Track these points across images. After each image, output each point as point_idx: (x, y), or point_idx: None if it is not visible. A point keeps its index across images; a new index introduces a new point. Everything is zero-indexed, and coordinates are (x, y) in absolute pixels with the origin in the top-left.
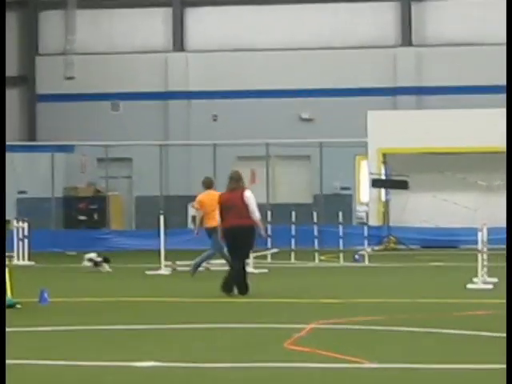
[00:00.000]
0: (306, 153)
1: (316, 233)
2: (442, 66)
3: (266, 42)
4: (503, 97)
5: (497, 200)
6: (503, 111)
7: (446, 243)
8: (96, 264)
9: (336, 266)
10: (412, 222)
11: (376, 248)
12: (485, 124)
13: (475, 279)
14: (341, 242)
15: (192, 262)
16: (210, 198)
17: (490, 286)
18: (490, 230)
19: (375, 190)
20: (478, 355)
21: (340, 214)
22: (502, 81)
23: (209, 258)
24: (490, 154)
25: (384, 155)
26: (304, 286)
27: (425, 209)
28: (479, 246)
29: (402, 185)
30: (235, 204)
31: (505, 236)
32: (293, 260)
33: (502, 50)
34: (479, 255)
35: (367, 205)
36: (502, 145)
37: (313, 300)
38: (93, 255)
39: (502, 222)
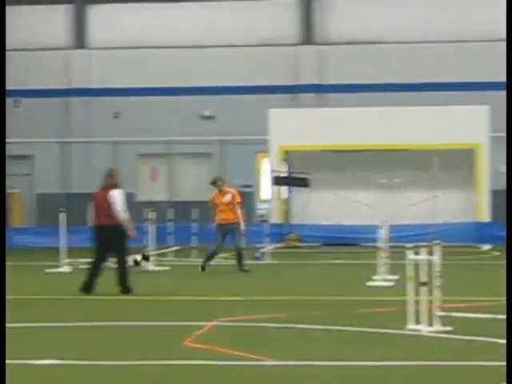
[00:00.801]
0: (207, 150)
1: None
2: (343, 64)
3: (167, 40)
4: (404, 95)
5: (397, 198)
6: (405, 109)
7: (347, 241)
8: (136, 263)
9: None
10: (313, 220)
11: (277, 246)
12: (386, 122)
13: (375, 277)
14: (243, 239)
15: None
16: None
17: (391, 284)
18: (391, 228)
19: (277, 188)
20: (378, 352)
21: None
22: (403, 79)
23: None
24: (390, 152)
25: (285, 153)
26: (205, 283)
27: (326, 206)
28: (380, 244)
29: (304, 182)
30: (101, 202)
31: (405, 234)
32: (194, 258)
33: (401, 49)
34: (379, 253)
35: (269, 202)
36: (402, 142)
37: (214, 298)
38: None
39: (402, 220)
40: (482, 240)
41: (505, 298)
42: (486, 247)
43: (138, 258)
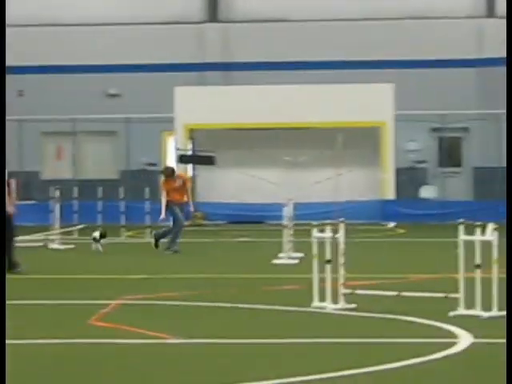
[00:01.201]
0: (112, 128)
1: (122, 209)
2: (249, 41)
3: (73, 18)
4: (310, 73)
5: (302, 176)
6: (310, 87)
7: (253, 218)
8: (95, 240)
9: (142, 242)
10: (219, 198)
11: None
12: (291, 100)
13: (281, 254)
14: (147, 217)
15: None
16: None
17: (296, 261)
18: (296, 206)
19: (182, 166)
20: (284, 330)
21: (147, 189)
22: (309, 57)
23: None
24: (295, 130)
25: (191, 131)
26: (110, 261)
27: (232, 184)
28: (285, 222)
29: (209, 160)
30: None
31: (310, 212)
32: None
33: (307, 26)
34: (285, 230)
35: None
36: (307, 121)
37: (120, 276)
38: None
39: (307, 198)
40: (386, 217)
41: (410, 275)
42: (391, 225)
43: (97, 234)
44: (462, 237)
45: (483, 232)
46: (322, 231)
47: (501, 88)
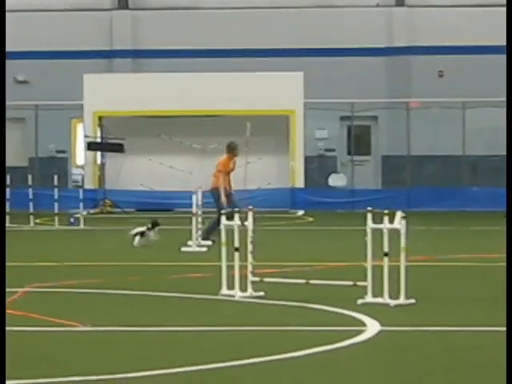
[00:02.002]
0: (21, 115)
1: (31, 196)
2: (159, 29)
3: None
4: (220, 61)
5: (212, 163)
6: (220, 75)
7: (162, 206)
8: (142, 234)
9: (51, 230)
10: (128, 186)
11: (91, 211)
12: (201, 88)
13: (190, 242)
14: (56, 205)
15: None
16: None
17: (205, 249)
18: (205, 194)
19: (91, 153)
20: (193, 317)
21: (55, 177)
22: (218, 45)
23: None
24: (205, 118)
25: (99, 118)
26: (19, 248)
27: (141, 172)
28: (194, 209)
29: (118, 148)
30: None
31: None
32: (8, 223)
33: (216, 14)
34: (194, 218)
35: (83, 168)
36: (217, 108)
37: (27, 263)
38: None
39: None
40: (295, 205)
41: (319, 263)
42: (300, 213)
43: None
44: (370, 225)
45: (391, 220)
46: (230, 219)
47: (409, 77)
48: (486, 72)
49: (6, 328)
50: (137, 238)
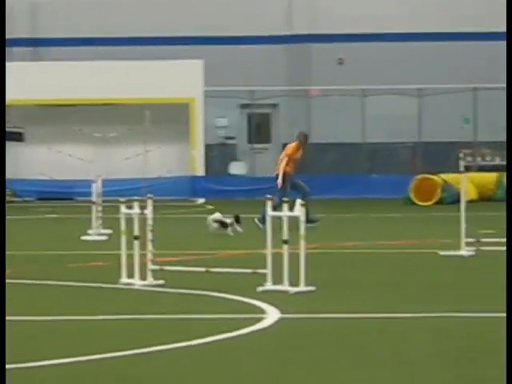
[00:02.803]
0: None
1: None
2: (58, 17)
3: None
4: (120, 49)
5: (112, 152)
6: (120, 63)
7: (62, 195)
8: (223, 225)
9: None
10: (27, 175)
11: None
12: (102, 76)
13: (90, 231)
14: None
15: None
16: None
17: (105, 238)
18: (105, 182)
19: None
20: (93, 306)
21: None
22: (117, 33)
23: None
24: (105, 106)
25: None
26: None
27: (40, 161)
28: (94, 198)
29: (17, 137)
30: None
31: (119, 188)
32: None
33: (114, 3)
34: (93, 207)
35: None
36: (117, 97)
37: None
38: (218, 216)
39: (116, 174)
40: (196, 194)
41: (219, 251)
42: (200, 201)
43: (228, 220)
44: (270, 212)
45: (291, 208)
46: (129, 207)
47: (309, 64)
48: (385, 60)
49: None
50: (216, 225)
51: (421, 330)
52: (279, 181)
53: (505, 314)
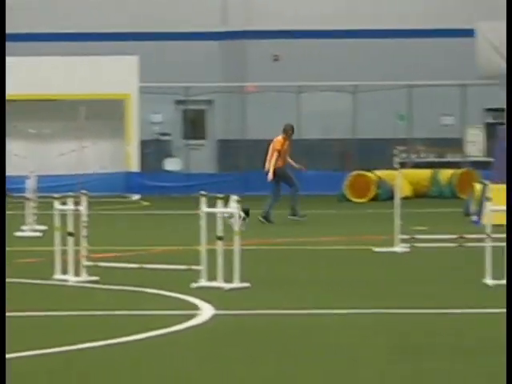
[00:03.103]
0: None
1: None
2: None
3: None
4: (53, 44)
5: (47, 148)
6: (56, 59)
7: None
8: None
9: None
10: None
11: None
12: (36, 72)
13: (24, 227)
14: None
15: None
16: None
17: (39, 234)
18: (40, 179)
19: None
20: (27, 302)
21: None
22: (53, 29)
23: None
24: (40, 102)
25: None
26: None
27: None
28: (28, 194)
29: None
30: None
31: (53, 184)
32: None
33: None
34: (28, 203)
35: None
36: (52, 92)
37: None
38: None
39: (51, 171)
40: (131, 190)
41: (154, 247)
42: (136, 197)
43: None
44: (204, 209)
45: (226, 204)
46: (64, 204)
47: (245, 61)
48: (320, 57)
49: None
50: (242, 215)
51: (353, 327)
52: (270, 176)
53: (437, 310)
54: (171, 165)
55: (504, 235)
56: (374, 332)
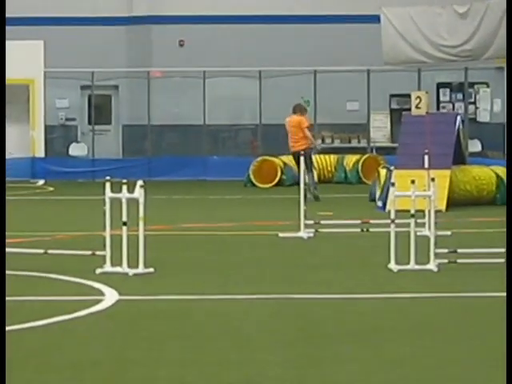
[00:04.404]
0: None
1: None
2: None
3: None
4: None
5: None
6: None
7: None
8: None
9: None
10: None
11: None
12: None
13: None
14: None
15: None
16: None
17: None
18: None
19: None
20: None
21: None
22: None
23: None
24: None
25: None
26: None
27: None
28: None
29: None
30: None
31: None
32: None
33: None
34: None
35: None
36: None
37: None
38: None
39: None
40: (36, 175)
41: (58, 233)
42: (40, 182)
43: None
44: (109, 194)
45: (131, 189)
46: None
47: (150, 46)
48: (226, 42)
49: None
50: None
51: (258, 312)
52: (319, 142)
53: (341, 296)
54: (76, 150)
55: (408, 220)
56: (278, 317)
